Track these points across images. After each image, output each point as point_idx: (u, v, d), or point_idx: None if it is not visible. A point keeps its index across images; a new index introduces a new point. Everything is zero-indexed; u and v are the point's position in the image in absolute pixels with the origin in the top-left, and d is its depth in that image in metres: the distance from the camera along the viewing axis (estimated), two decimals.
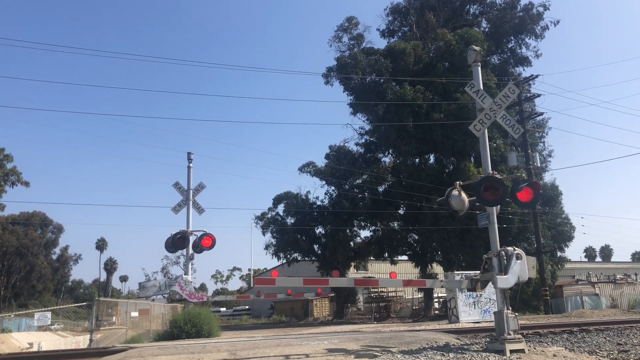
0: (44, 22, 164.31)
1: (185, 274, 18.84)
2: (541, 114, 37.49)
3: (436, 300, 41.65)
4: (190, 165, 20.16)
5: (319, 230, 42.80)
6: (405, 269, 48.53)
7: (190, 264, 19.21)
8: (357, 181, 41.00)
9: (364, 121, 41.82)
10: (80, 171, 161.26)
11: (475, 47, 10.77)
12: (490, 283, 9.60)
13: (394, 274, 12.55)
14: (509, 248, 9.41)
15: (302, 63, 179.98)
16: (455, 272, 27.01)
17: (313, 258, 44.36)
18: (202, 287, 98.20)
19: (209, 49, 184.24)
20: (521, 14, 40.60)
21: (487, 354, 8.63)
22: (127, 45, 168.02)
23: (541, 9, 40.19)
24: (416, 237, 39.69)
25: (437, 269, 43.10)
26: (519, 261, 9.23)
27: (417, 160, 39.53)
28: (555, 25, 40.72)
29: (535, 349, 9.48)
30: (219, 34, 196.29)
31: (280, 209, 43.82)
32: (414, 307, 43.05)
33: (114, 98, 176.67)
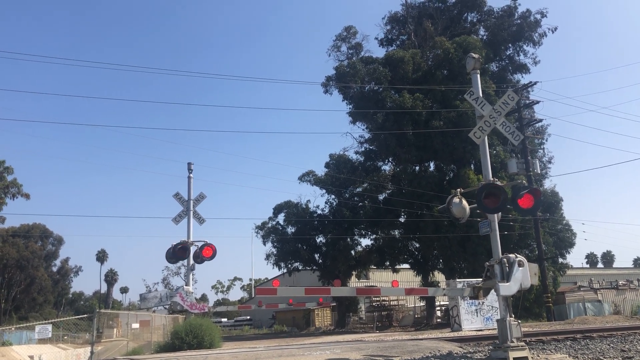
0: (41, 33, 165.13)
1: (186, 285, 18.79)
2: (540, 120, 37.65)
3: (438, 308, 41.48)
4: (191, 175, 20.15)
5: (320, 239, 42.71)
6: (407, 277, 48.38)
7: (191, 274, 19.16)
8: (358, 189, 40.97)
9: (363, 130, 41.91)
10: (80, 183, 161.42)
11: (474, 55, 10.80)
12: (492, 291, 9.56)
13: (395, 283, 12.52)
14: (511, 255, 9.37)
15: (301, 72, 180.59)
16: (457, 279, 26.95)
17: (314, 267, 44.24)
18: (203, 298, 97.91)
19: (207, 58, 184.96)
20: (519, 21, 40.80)
21: None
22: (126, 56, 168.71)
23: (539, 16, 40.47)
24: (417, 245, 39.60)
25: (439, 277, 42.96)
26: (520, 268, 9.20)
27: (417, 168, 39.53)
28: (552, 32, 40.98)
29: (538, 356, 9.43)
30: (217, 43, 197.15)
31: (281, 218, 43.77)
32: (416, 316, 42.86)
33: (113, 109, 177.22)
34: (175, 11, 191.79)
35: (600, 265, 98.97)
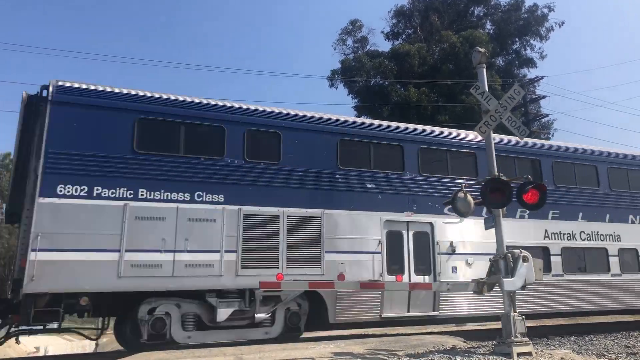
0: (49, 26, 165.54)
1: None
2: (547, 115, 37.46)
3: None
4: None
5: None
6: None
7: None
8: None
9: None
10: None
11: (480, 49, 10.72)
12: (496, 286, 9.55)
13: (400, 277, 12.52)
14: (516, 250, 9.35)
15: (306, 65, 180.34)
16: None
17: None
18: None
19: (212, 53, 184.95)
20: (526, 15, 40.59)
21: (494, 357, 8.58)
22: (130, 49, 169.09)
23: (546, 10, 40.27)
24: None
25: None
26: (525, 264, 9.18)
27: None
28: (560, 27, 40.71)
29: (542, 352, 9.41)
30: (222, 38, 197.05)
31: None
32: None
33: None
34: (179, 6, 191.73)
35: None
